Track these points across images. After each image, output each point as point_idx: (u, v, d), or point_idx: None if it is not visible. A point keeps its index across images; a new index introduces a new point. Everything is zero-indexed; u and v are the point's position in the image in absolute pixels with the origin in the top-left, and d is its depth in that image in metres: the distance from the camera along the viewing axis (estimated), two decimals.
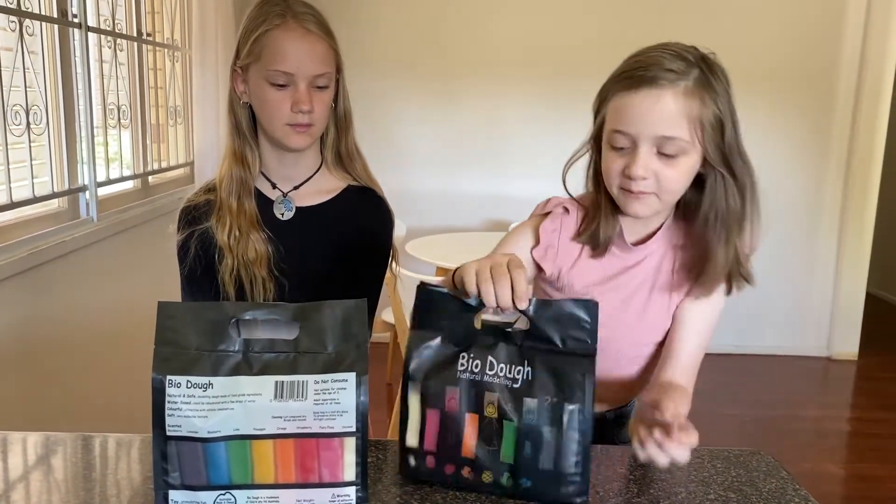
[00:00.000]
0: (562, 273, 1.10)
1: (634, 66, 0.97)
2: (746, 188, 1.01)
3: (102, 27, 2.34)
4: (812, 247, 3.92)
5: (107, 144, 2.40)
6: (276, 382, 0.79)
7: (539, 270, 1.11)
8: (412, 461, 0.90)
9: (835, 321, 3.96)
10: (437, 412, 0.88)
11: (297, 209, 1.31)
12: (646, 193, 0.98)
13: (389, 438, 1.04)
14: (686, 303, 1.10)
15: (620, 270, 1.10)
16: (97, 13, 2.30)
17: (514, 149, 3.79)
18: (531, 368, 0.86)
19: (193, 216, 1.30)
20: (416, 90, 3.78)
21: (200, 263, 1.28)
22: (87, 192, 2.20)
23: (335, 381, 0.79)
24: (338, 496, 0.80)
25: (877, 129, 3.73)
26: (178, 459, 0.79)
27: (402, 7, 3.71)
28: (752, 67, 3.66)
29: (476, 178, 3.83)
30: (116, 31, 2.46)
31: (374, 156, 1.44)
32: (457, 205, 3.82)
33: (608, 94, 1.01)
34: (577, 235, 1.09)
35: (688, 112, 0.95)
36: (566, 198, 1.14)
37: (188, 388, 0.78)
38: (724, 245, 1.02)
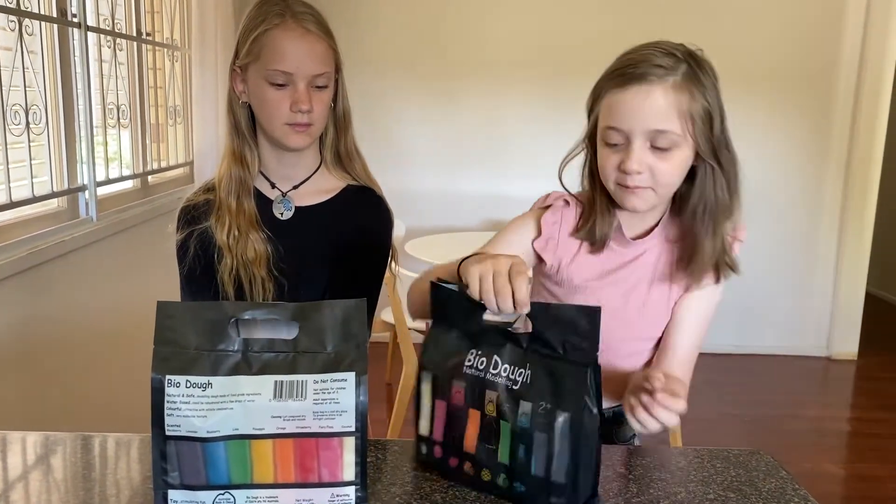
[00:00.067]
0: (561, 266, 1.11)
1: (625, 65, 1.00)
2: (732, 178, 1.05)
3: (102, 27, 2.34)
4: (812, 247, 3.92)
5: (106, 144, 2.40)
6: (276, 382, 0.79)
7: (539, 261, 1.12)
8: (423, 448, 0.93)
9: (834, 321, 3.96)
10: (445, 404, 0.91)
11: (297, 209, 1.31)
12: (642, 188, 1.01)
13: (389, 438, 1.04)
14: (683, 298, 1.12)
15: (619, 265, 1.11)
16: (97, 13, 2.30)
17: (514, 149, 3.79)
18: (531, 372, 0.85)
19: (193, 216, 1.30)
20: (416, 90, 3.78)
21: (200, 263, 1.28)
22: (87, 192, 2.20)
23: (334, 381, 0.79)
24: (337, 496, 0.80)
25: (876, 129, 3.73)
26: (178, 459, 0.79)
27: (402, 7, 3.71)
28: (752, 67, 3.66)
29: (476, 178, 3.83)
30: (116, 31, 2.46)
31: (374, 155, 1.44)
32: (456, 205, 3.82)
33: (600, 93, 1.04)
34: (576, 231, 1.11)
35: (678, 106, 0.97)
36: (566, 192, 1.15)
37: (187, 388, 0.78)
38: (712, 236, 1.05)
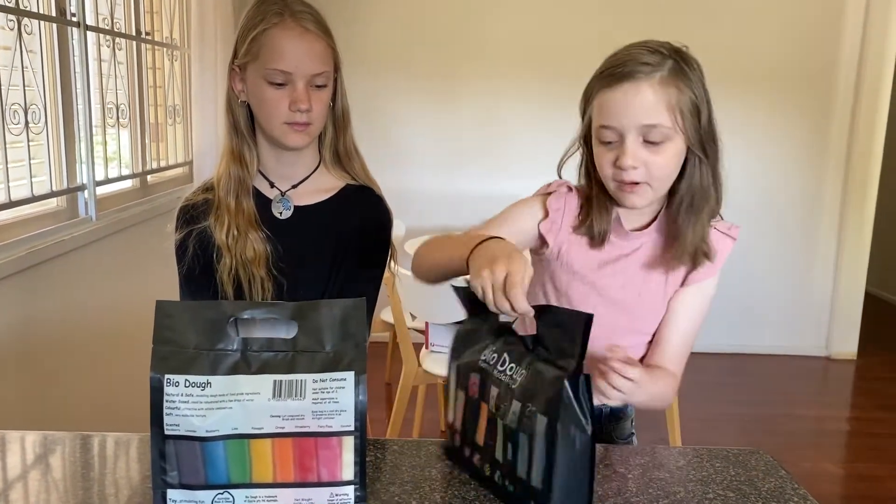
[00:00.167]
0: (562, 252, 1.13)
1: (613, 64, 1.04)
2: (717, 168, 1.08)
3: (101, 26, 2.34)
4: (811, 246, 3.92)
5: (105, 143, 2.40)
6: (275, 381, 0.79)
7: (542, 244, 1.14)
8: (449, 435, 0.97)
9: (834, 321, 3.96)
10: (464, 394, 0.94)
11: (296, 208, 1.31)
12: (638, 184, 1.03)
13: (388, 438, 1.05)
14: (678, 292, 1.14)
15: (617, 257, 1.13)
16: (96, 12, 2.30)
17: (513, 148, 3.79)
18: (527, 372, 0.85)
19: (192, 215, 1.29)
20: (415, 89, 3.78)
21: (199, 262, 1.28)
22: (86, 191, 2.19)
23: (334, 381, 0.79)
24: (336, 495, 0.80)
25: (876, 129, 3.74)
26: (177, 458, 0.79)
27: (401, 6, 3.71)
28: (752, 67, 3.66)
29: (475, 178, 3.83)
30: (115, 30, 2.45)
31: (373, 155, 1.44)
32: (455, 204, 3.82)
33: (591, 94, 1.07)
34: (577, 228, 1.13)
35: (666, 100, 1.01)
36: (568, 181, 1.17)
37: (186, 387, 0.78)
38: (693, 224, 1.08)
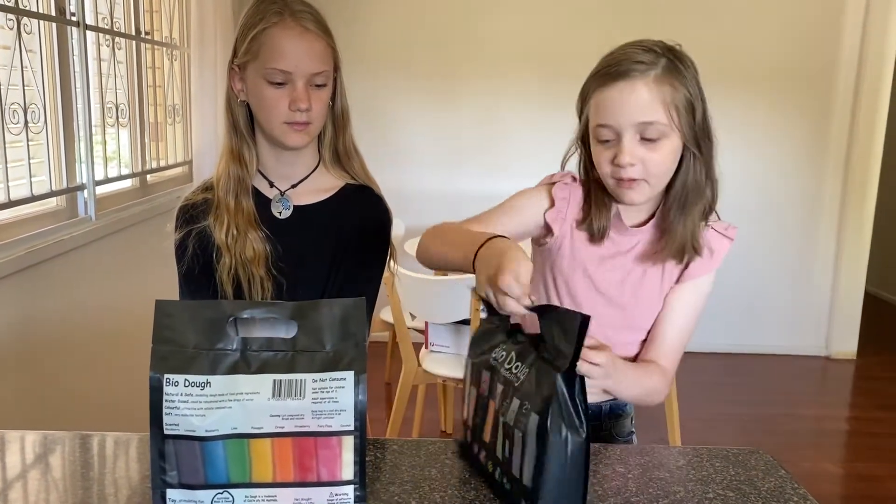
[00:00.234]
0: (564, 244, 1.14)
1: (608, 64, 1.05)
2: (710, 164, 1.09)
3: (101, 25, 2.34)
4: (811, 246, 3.92)
5: (105, 143, 2.40)
6: (274, 381, 0.79)
7: (548, 233, 1.14)
8: (462, 432, 0.98)
9: (833, 320, 3.96)
10: (476, 391, 0.95)
11: (295, 208, 1.30)
12: (636, 180, 1.04)
13: (388, 437, 1.05)
14: (674, 289, 1.16)
15: (616, 254, 1.14)
16: (95, 11, 2.29)
17: (513, 147, 3.79)
18: (528, 370, 0.86)
19: (191, 215, 1.29)
20: (415, 88, 3.78)
21: (198, 262, 1.27)
22: (86, 191, 2.19)
23: (333, 380, 0.79)
24: (336, 495, 0.80)
25: (875, 129, 3.74)
26: (176, 458, 0.79)
27: (401, 6, 3.71)
28: (752, 67, 3.66)
29: (474, 177, 3.83)
30: (115, 30, 2.45)
31: (372, 154, 1.44)
32: (455, 203, 3.82)
33: (587, 94, 1.08)
34: (580, 222, 1.13)
35: (662, 97, 1.02)
36: (571, 171, 1.18)
37: (186, 387, 0.78)
38: (684, 218, 1.09)
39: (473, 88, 3.77)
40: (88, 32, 2.19)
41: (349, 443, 0.79)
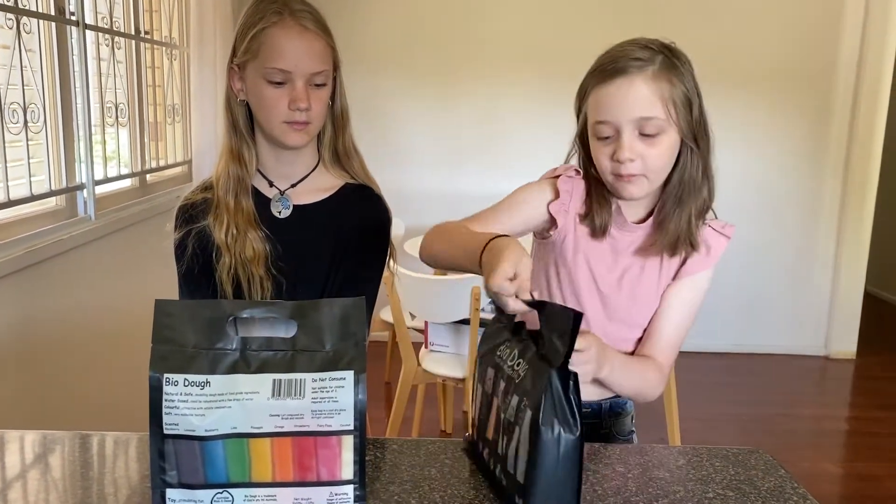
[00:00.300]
0: (566, 238, 1.14)
1: (605, 62, 1.06)
2: (707, 159, 1.09)
3: (100, 25, 2.34)
4: (811, 246, 3.92)
5: (104, 142, 2.40)
6: (274, 381, 0.79)
7: (552, 225, 1.14)
8: (469, 430, 0.98)
9: (833, 320, 3.96)
10: (482, 388, 0.95)
11: (295, 207, 1.30)
12: (635, 175, 1.05)
13: (388, 437, 1.05)
14: (672, 285, 1.16)
15: (615, 249, 1.14)
16: (95, 11, 2.29)
17: (512, 146, 3.79)
18: (528, 367, 0.86)
19: (191, 214, 1.29)
20: (414, 88, 3.78)
21: (198, 262, 1.27)
22: (85, 191, 2.19)
23: (333, 380, 0.79)
24: (336, 495, 0.80)
25: (875, 129, 3.74)
26: (176, 458, 0.79)
27: (400, 5, 3.70)
28: (752, 67, 3.67)
29: (474, 176, 3.82)
30: (114, 29, 2.45)
31: (372, 154, 1.44)
32: (455, 203, 3.81)
33: (586, 92, 1.09)
34: (582, 218, 1.14)
35: (659, 93, 1.03)
36: (574, 165, 1.18)
37: (185, 387, 0.78)
38: (679, 214, 1.09)
39: (473, 88, 3.77)
40: (88, 32, 2.19)
41: (349, 442, 0.79)
